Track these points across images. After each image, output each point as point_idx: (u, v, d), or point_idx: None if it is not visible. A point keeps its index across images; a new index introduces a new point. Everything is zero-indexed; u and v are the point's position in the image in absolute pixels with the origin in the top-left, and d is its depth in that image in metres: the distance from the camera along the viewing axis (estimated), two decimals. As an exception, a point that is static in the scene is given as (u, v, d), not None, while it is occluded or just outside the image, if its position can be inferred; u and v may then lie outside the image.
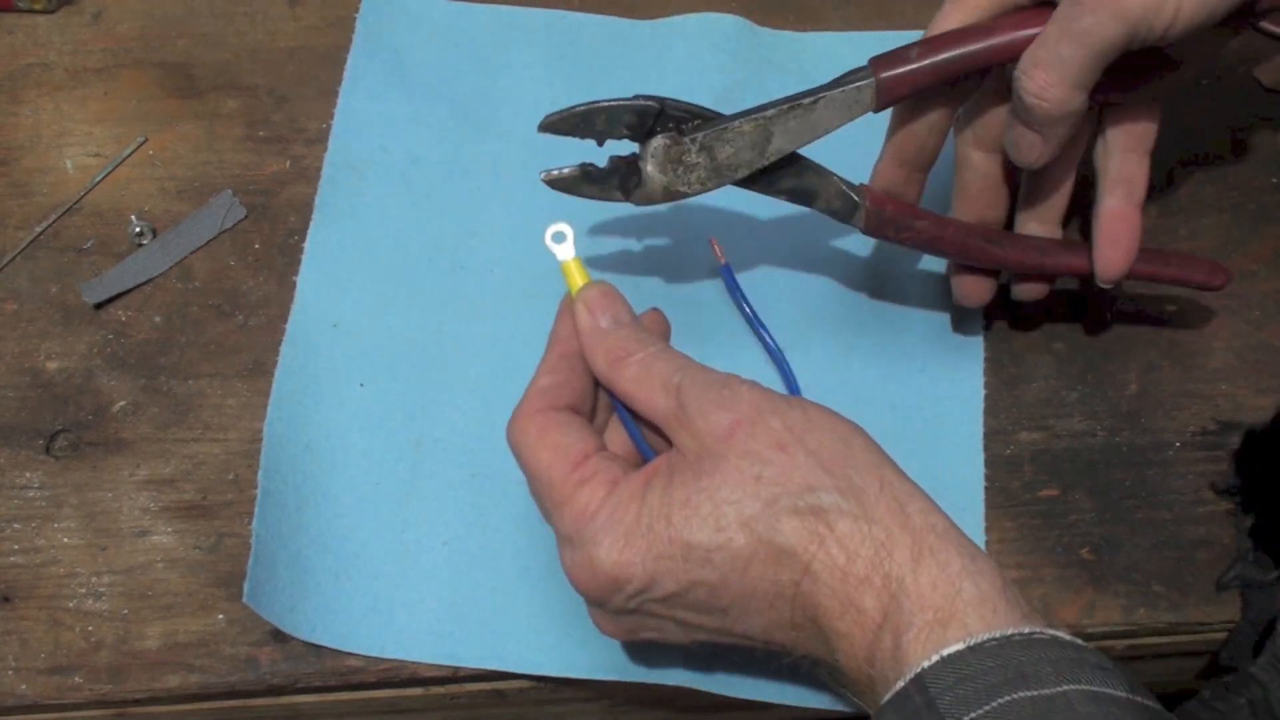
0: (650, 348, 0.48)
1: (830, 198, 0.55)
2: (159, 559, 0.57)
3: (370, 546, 0.57)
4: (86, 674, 0.55)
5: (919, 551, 0.43)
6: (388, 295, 0.62)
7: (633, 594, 0.46)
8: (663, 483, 0.46)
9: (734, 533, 0.44)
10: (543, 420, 0.48)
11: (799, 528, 0.44)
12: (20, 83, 0.69)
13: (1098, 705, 0.39)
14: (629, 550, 0.45)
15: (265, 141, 0.67)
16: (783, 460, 0.45)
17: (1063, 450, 0.59)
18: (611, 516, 0.45)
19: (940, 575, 0.43)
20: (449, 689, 0.56)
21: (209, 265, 0.64)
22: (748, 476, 0.44)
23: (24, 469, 0.59)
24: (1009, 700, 0.39)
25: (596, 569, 0.45)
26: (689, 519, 0.45)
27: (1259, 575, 0.55)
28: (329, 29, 0.70)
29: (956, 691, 0.40)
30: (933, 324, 0.61)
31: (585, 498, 0.46)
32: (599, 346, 0.49)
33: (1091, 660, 0.41)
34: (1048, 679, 0.40)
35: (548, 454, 0.47)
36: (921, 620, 0.42)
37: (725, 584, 0.45)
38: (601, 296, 0.50)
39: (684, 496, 0.45)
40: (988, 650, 0.40)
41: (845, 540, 0.43)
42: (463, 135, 0.67)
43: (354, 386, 0.60)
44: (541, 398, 0.49)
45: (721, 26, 0.69)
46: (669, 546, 0.45)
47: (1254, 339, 0.61)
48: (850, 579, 0.43)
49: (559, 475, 0.47)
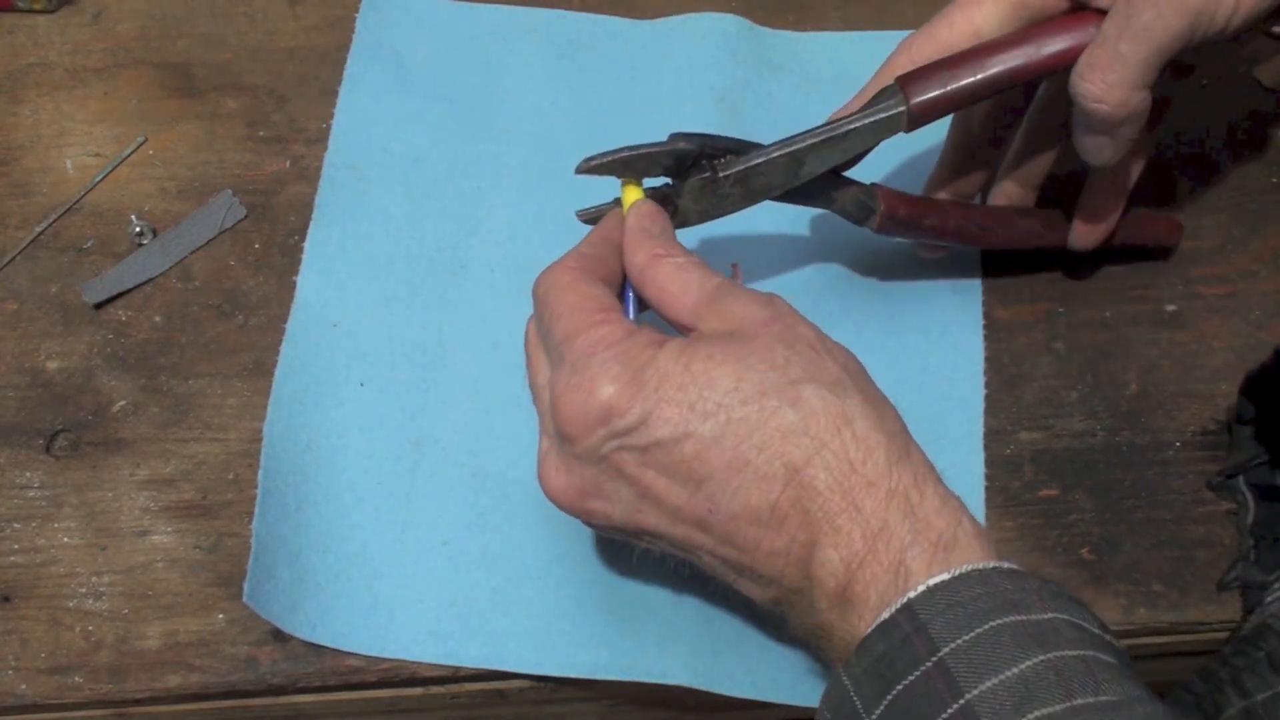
0: (692, 258, 0.49)
1: (846, 203, 0.56)
2: (159, 559, 0.57)
3: (370, 546, 0.57)
4: (86, 674, 0.55)
5: (924, 480, 0.43)
6: (388, 295, 0.62)
7: (618, 432, 0.44)
8: (679, 346, 0.45)
9: (751, 394, 0.43)
10: (577, 273, 0.48)
11: (821, 406, 0.43)
12: (20, 83, 0.69)
13: (1080, 633, 0.40)
14: (634, 384, 0.43)
15: (265, 141, 0.67)
16: (813, 356, 0.45)
17: (1063, 450, 0.59)
18: (626, 352, 0.44)
19: (943, 505, 0.43)
20: (449, 689, 0.56)
21: (209, 265, 0.64)
22: (779, 356, 0.44)
23: (24, 469, 0.59)
24: (1000, 624, 0.39)
25: (594, 393, 0.44)
26: (709, 370, 0.43)
27: (1259, 575, 0.55)
28: (329, 29, 0.70)
29: (946, 616, 0.40)
30: (933, 324, 0.61)
31: (604, 331, 0.45)
32: (643, 243, 0.49)
33: (1069, 596, 0.42)
34: (1035, 606, 0.40)
35: (574, 296, 0.46)
36: (926, 540, 0.41)
37: (719, 445, 0.43)
38: (656, 211, 0.51)
39: (708, 352, 0.44)
40: (974, 578, 0.41)
41: (862, 439, 0.43)
42: (463, 135, 0.67)
43: (354, 386, 0.60)
44: (579, 260, 0.49)
45: (721, 26, 0.69)
46: (679, 392, 0.43)
47: (1254, 339, 0.61)
48: (857, 476, 0.42)
49: (582, 313, 0.46)
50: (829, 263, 0.63)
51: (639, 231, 0.50)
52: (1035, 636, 0.39)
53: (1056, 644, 0.39)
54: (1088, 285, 0.62)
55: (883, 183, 0.58)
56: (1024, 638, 0.39)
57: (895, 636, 0.40)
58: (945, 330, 0.61)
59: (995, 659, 0.38)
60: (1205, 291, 0.62)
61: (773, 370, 0.43)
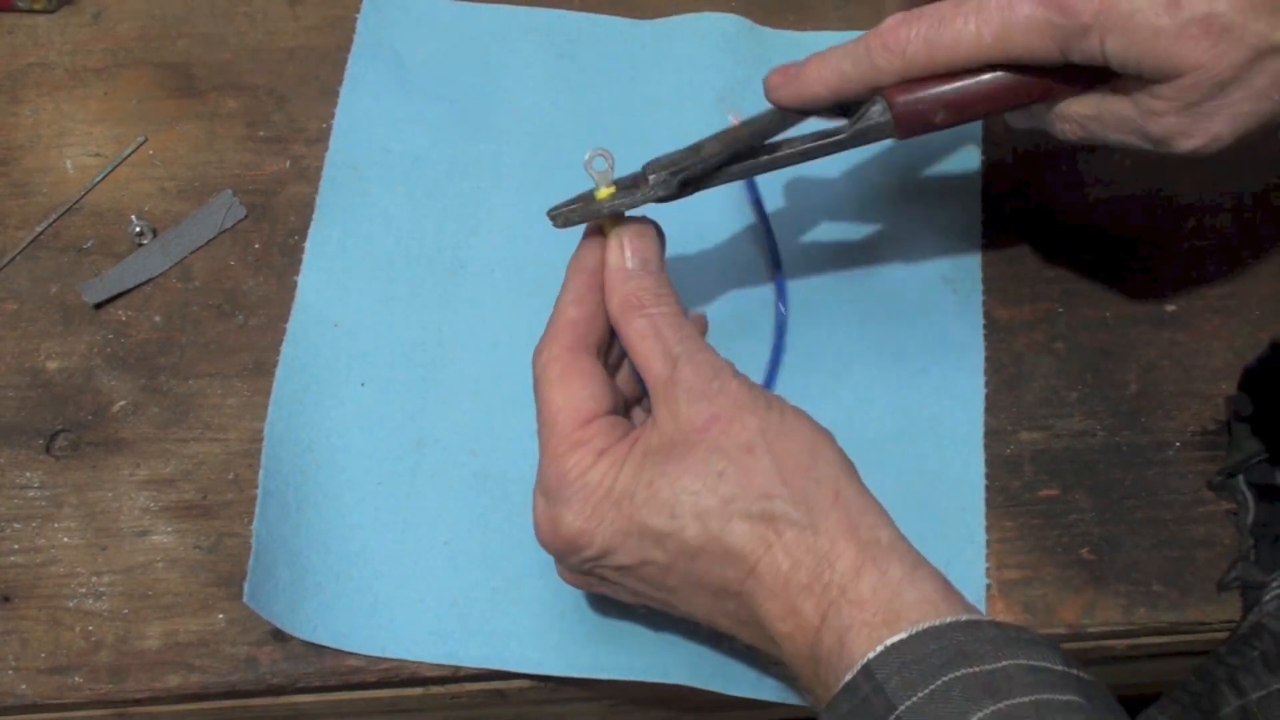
0: (663, 307, 0.50)
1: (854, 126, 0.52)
2: (159, 559, 0.57)
3: (370, 546, 0.57)
4: (86, 674, 0.55)
5: (862, 562, 0.45)
6: (388, 295, 0.62)
7: (588, 558, 0.48)
8: (636, 461, 0.48)
9: (687, 522, 0.46)
10: (567, 361, 0.49)
11: (749, 531, 0.46)
12: (20, 83, 0.69)
13: (1035, 676, 0.41)
14: (591, 520, 0.47)
15: (265, 141, 0.67)
16: (747, 462, 0.46)
17: (1063, 450, 0.59)
18: (586, 485, 0.48)
19: (880, 581, 0.44)
20: (449, 689, 0.56)
21: (209, 265, 0.64)
22: (711, 471, 0.46)
23: (24, 469, 0.59)
24: (952, 678, 0.41)
25: (560, 529, 0.48)
26: (649, 500, 0.47)
27: (1259, 575, 0.55)
28: (329, 29, 0.70)
29: (902, 675, 0.41)
30: (933, 324, 0.61)
31: (572, 461, 0.48)
32: (619, 288, 0.50)
33: (1027, 638, 0.43)
34: (988, 656, 0.41)
35: (560, 399, 0.49)
36: (861, 621, 0.44)
37: (673, 568, 0.47)
38: (637, 237, 0.51)
39: (649, 478, 0.47)
40: (930, 635, 0.42)
41: (791, 548, 0.45)
42: (463, 135, 0.67)
43: (355, 386, 0.60)
44: (572, 332, 0.50)
45: (721, 26, 0.69)
46: (628, 524, 0.47)
47: (1254, 339, 0.61)
48: (792, 585, 0.45)
49: (561, 429, 0.49)
50: (830, 266, 0.63)
51: (616, 273, 0.50)
52: (986, 687, 0.40)
53: (1008, 692, 0.40)
54: (1088, 285, 0.62)
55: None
56: (975, 689, 0.40)
57: (856, 697, 0.42)
58: (945, 330, 0.61)
59: (946, 713, 0.40)
60: (1205, 291, 0.62)
61: (706, 491, 0.46)
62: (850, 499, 0.46)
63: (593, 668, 0.54)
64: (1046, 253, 0.63)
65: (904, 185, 0.65)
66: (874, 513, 0.47)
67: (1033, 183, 0.65)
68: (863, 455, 0.58)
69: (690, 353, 0.49)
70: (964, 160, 0.65)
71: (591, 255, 0.51)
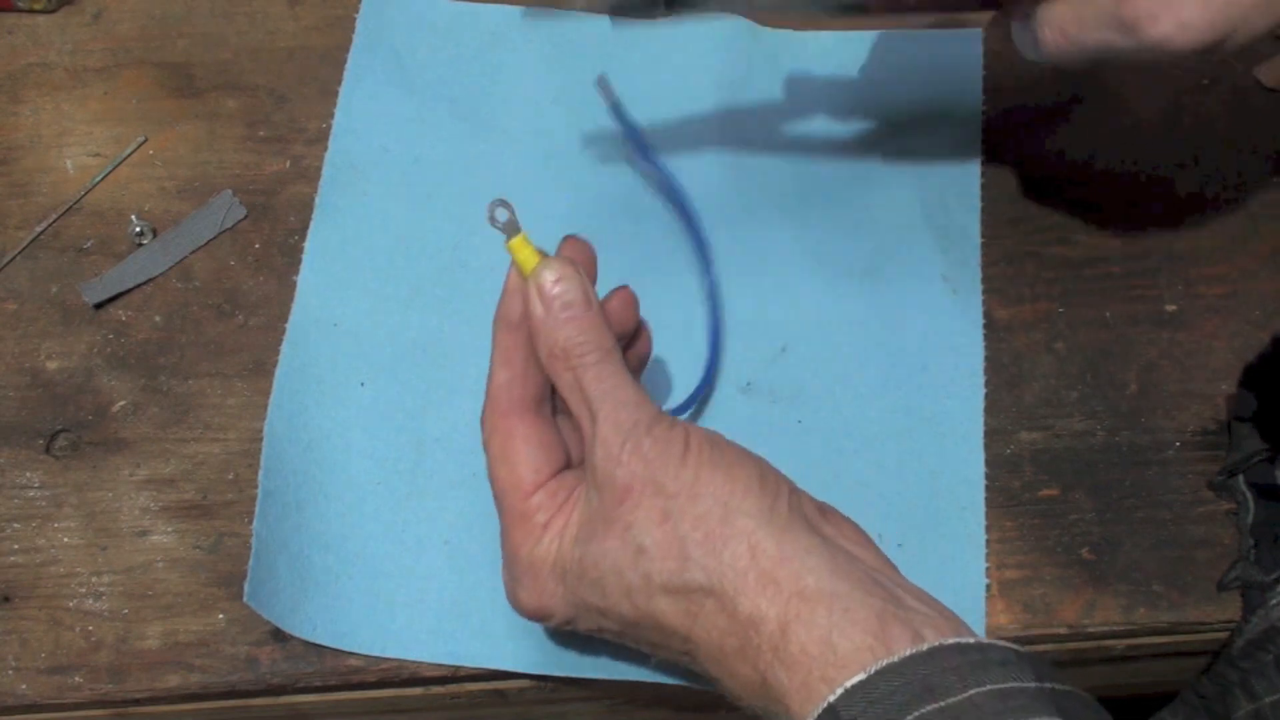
0: (587, 356, 0.48)
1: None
2: (159, 559, 0.57)
3: (371, 546, 0.57)
4: (86, 674, 0.55)
5: (786, 621, 0.44)
6: (388, 295, 0.62)
7: (558, 625, 0.50)
8: (572, 533, 0.48)
9: (618, 600, 0.47)
10: (505, 430, 0.49)
11: (673, 606, 0.46)
12: (20, 83, 0.69)
13: (1004, 701, 0.40)
14: (543, 597, 0.49)
15: (265, 141, 0.67)
16: (661, 535, 0.46)
17: (1063, 450, 0.59)
18: (533, 564, 0.49)
19: (809, 638, 0.43)
20: (449, 689, 0.56)
21: (209, 265, 0.64)
22: (630, 549, 0.46)
23: (24, 469, 0.59)
24: (918, 716, 0.40)
25: (520, 604, 0.49)
26: (582, 578, 0.47)
27: (1259, 575, 0.55)
28: (329, 29, 0.70)
29: (868, 715, 0.41)
30: (933, 324, 0.61)
31: (519, 538, 0.49)
32: (543, 338, 0.48)
33: (996, 658, 0.42)
34: (953, 687, 0.40)
35: (504, 474, 0.49)
36: (798, 683, 0.43)
37: (625, 635, 0.48)
38: (554, 283, 0.48)
39: (580, 554, 0.47)
40: (890, 672, 0.41)
41: (713, 619, 0.45)
42: (463, 135, 0.67)
43: (355, 386, 0.60)
44: (505, 396, 0.50)
45: (721, 26, 0.69)
46: (574, 598, 0.48)
47: (1254, 339, 0.61)
48: (726, 652, 0.45)
49: (508, 504, 0.49)
50: (830, 265, 0.63)
51: (540, 321, 0.48)
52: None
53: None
54: (1088, 285, 0.62)
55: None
56: None
57: None
58: (945, 330, 0.61)
59: None
60: (1205, 291, 0.62)
61: (629, 569, 0.46)
62: (766, 551, 0.45)
63: (593, 668, 0.54)
64: (1046, 252, 0.63)
65: (904, 184, 0.65)
66: (795, 558, 0.45)
67: (1033, 182, 0.65)
68: (863, 455, 0.58)
69: (608, 410, 0.47)
70: (964, 159, 0.65)
71: (513, 309, 0.49)
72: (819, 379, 0.60)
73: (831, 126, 0.66)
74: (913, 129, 0.66)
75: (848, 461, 0.58)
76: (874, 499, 0.57)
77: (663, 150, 0.64)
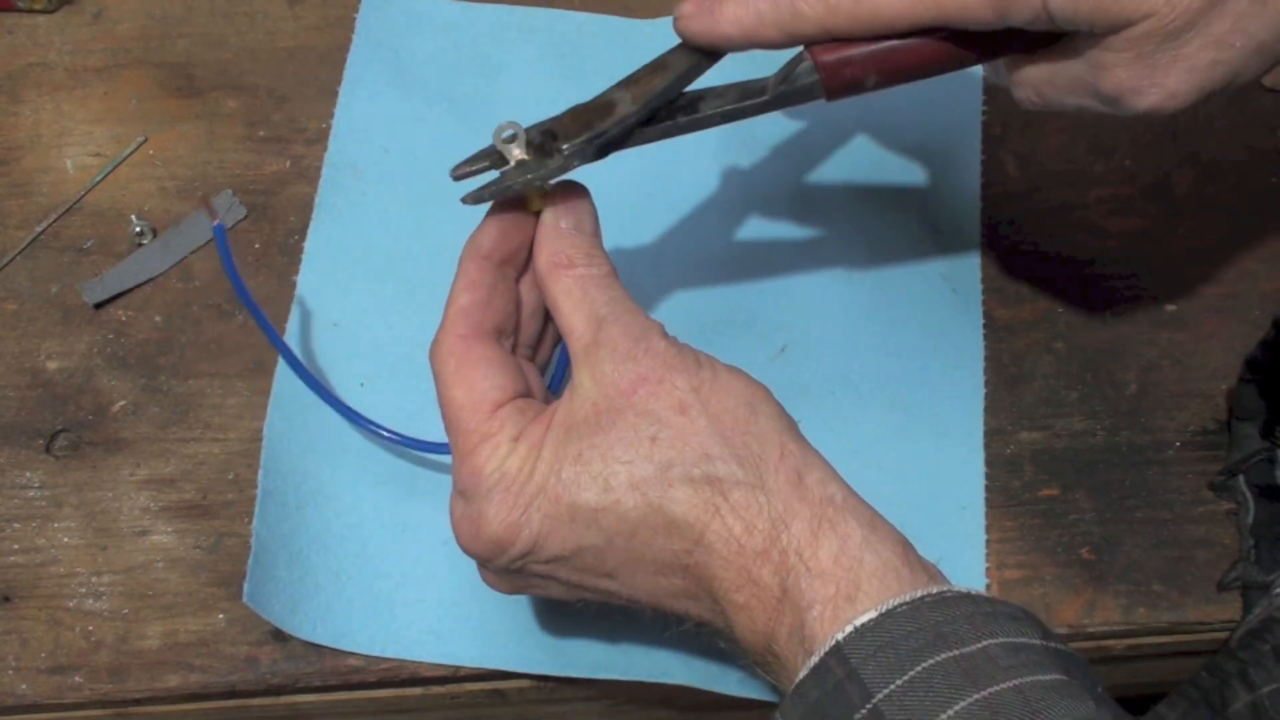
0: (593, 268, 0.47)
1: (778, 87, 0.48)
2: (159, 559, 0.57)
3: (370, 546, 0.57)
4: (86, 674, 0.55)
5: (817, 524, 0.42)
6: (388, 295, 0.62)
7: (516, 556, 0.45)
8: (558, 437, 0.44)
9: (623, 494, 0.43)
10: (463, 351, 0.46)
11: (692, 497, 0.43)
12: (20, 83, 0.69)
13: (1017, 656, 0.39)
14: (515, 510, 0.44)
15: (265, 141, 0.67)
16: (681, 424, 0.43)
17: (1063, 450, 0.59)
18: (505, 476, 0.44)
19: (840, 548, 0.42)
20: (449, 689, 0.56)
21: (209, 265, 0.64)
22: (643, 437, 0.43)
23: (24, 469, 0.59)
24: (933, 664, 0.39)
25: (482, 528, 0.44)
26: (579, 475, 0.43)
27: (1259, 575, 0.55)
28: (329, 29, 0.70)
29: (878, 659, 0.39)
30: (933, 323, 0.61)
31: (485, 455, 0.45)
32: (547, 246, 0.47)
33: (1005, 612, 0.41)
34: (966, 637, 0.39)
35: (461, 393, 0.46)
36: (824, 595, 0.41)
37: (611, 547, 0.44)
38: (569, 200, 0.48)
39: (576, 451, 0.44)
40: (902, 615, 0.40)
41: (741, 511, 0.42)
42: (463, 135, 0.66)
43: (354, 386, 0.60)
44: (465, 320, 0.47)
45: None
46: (556, 507, 0.44)
47: (1254, 339, 0.60)
48: (746, 551, 0.42)
49: (467, 424, 0.45)
50: (830, 265, 0.63)
51: (547, 230, 0.47)
52: (968, 673, 0.38)
53: (991, 677, 0.38)
54: (1088, 285, 0.62)
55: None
56: (957, 676, 0.38)
57: (828, 682, 0.40)
58: (945, 330, 0.61)
59: (930, 703, 0.38)
60: (1205, 291, 0.62)
61: (641, 458, 0.43)
62: (796, 454, 0.44)
63: (593, 668, 0.54)
64: (1046, 252, 0.63)
65: (903, 183, 0.65)
66: (821, 467, 0.44)
67: (1032, 181, 0.65)
68: (863, 455, 0.58)
69: (617, 314, 0.45)
70: (963, 159, 0.65)
71: (486, 237, 0.48)
72: (819, 379, 0.60)
73: (831, 127, 0.66)
74: (912, 129, 0.66)
75: (847, 461, 0.58)
76: (874, 498, 0.57)
77: (663, 150, 0.64)
